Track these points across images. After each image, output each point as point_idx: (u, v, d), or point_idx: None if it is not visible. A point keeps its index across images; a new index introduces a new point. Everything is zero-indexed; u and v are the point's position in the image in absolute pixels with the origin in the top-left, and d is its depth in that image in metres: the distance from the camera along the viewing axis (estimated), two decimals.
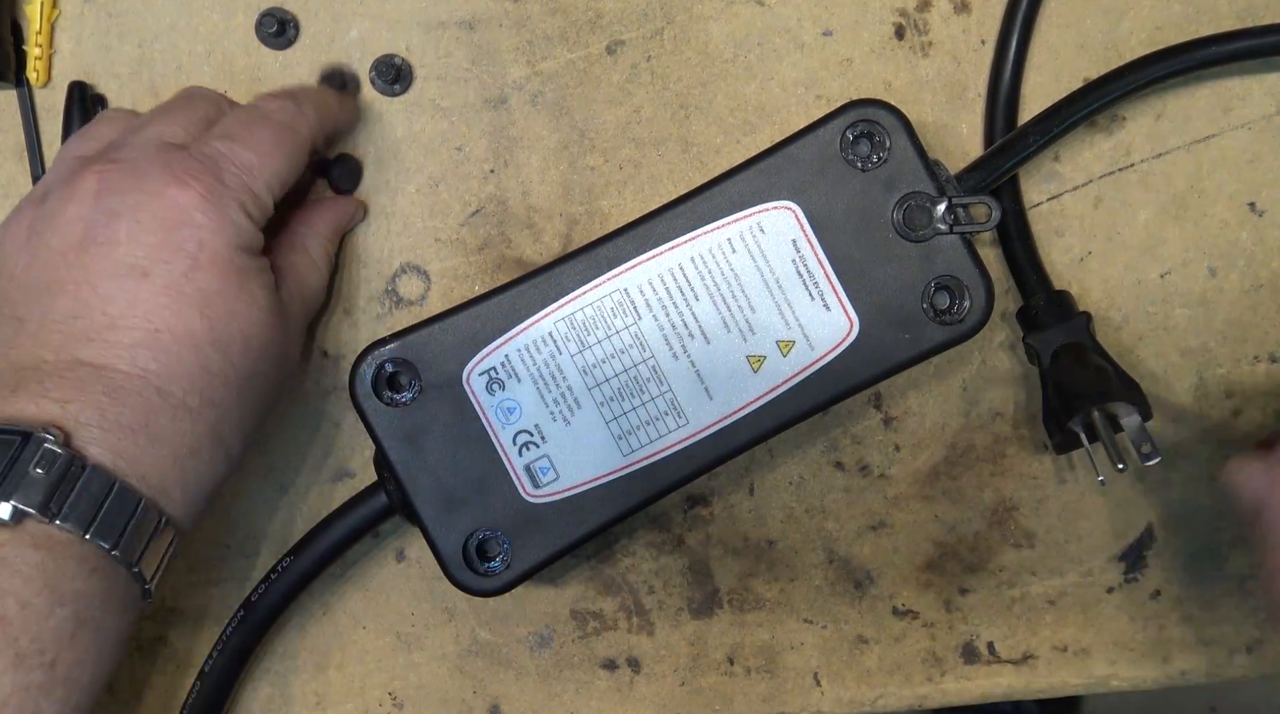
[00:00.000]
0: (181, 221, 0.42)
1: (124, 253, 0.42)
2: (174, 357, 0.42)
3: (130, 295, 0.42)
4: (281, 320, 0.46)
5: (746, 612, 0.54)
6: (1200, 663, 0.54)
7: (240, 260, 0.44)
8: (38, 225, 0.43)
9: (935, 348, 0.47)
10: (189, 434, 0.42)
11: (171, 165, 0.43)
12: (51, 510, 0.39)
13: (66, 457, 0.39)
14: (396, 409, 0.47)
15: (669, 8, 0.53)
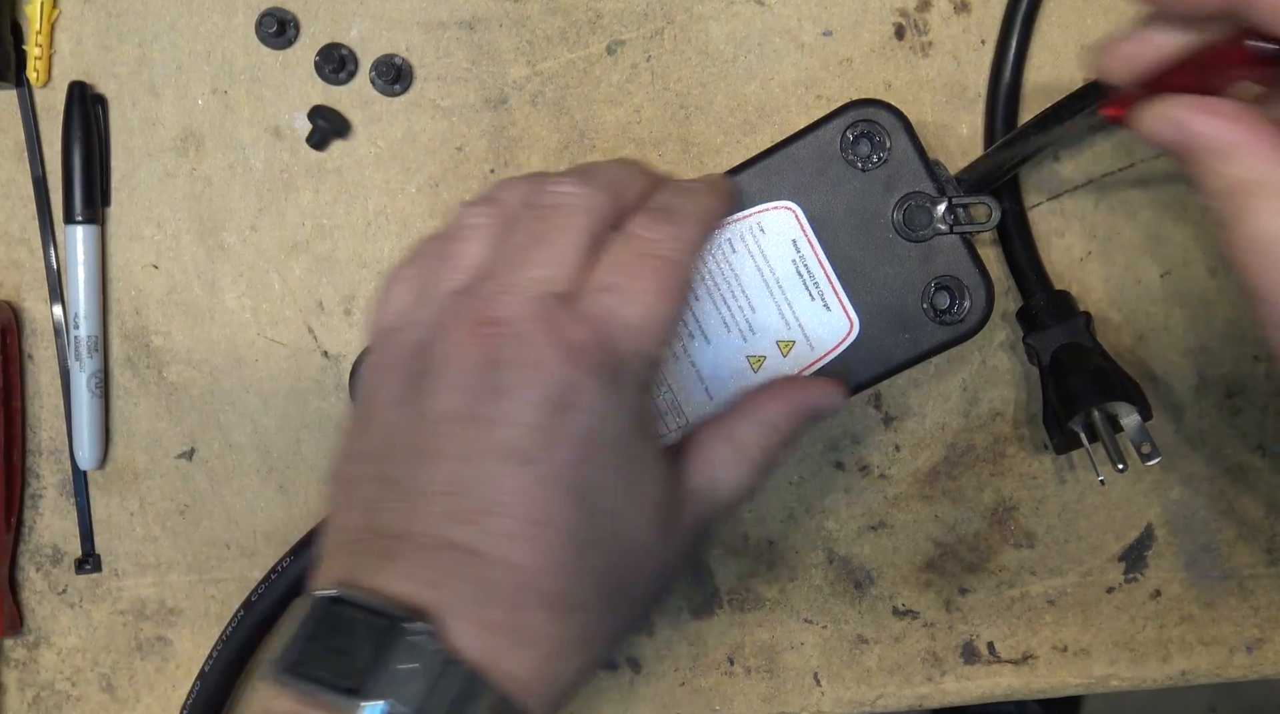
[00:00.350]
0: (570, 405, 0.38)
1: (508, 435, 0.38)
2: (549, 553, 0.37)
3: (511, 481, 0.37)
4: (670, 520, 0.41)
5: (746, 611, 0.54)
6: (1200, 663, 0.54)
7: (632, 448, 0.39)
8: (419, 382, 0.39)
9: (935, 348, 0.47)
10: (556, 636, 0.38)
11: (559, 332, 0.38)
12: (421, 712, 0.35)
13: (441, 654, 0.35)
14: None
15: (669, 8, 0.53)
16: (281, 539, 0.54)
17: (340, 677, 0.35)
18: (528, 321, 0.39)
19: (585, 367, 0.38)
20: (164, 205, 0.54)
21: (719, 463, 0.42)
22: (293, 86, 0.53)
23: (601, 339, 0.39)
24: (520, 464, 0.38)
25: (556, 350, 0.38)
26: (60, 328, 0.54)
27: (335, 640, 0.36)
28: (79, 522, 0.55)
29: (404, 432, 0.39)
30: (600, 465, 0.38)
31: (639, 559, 0.40)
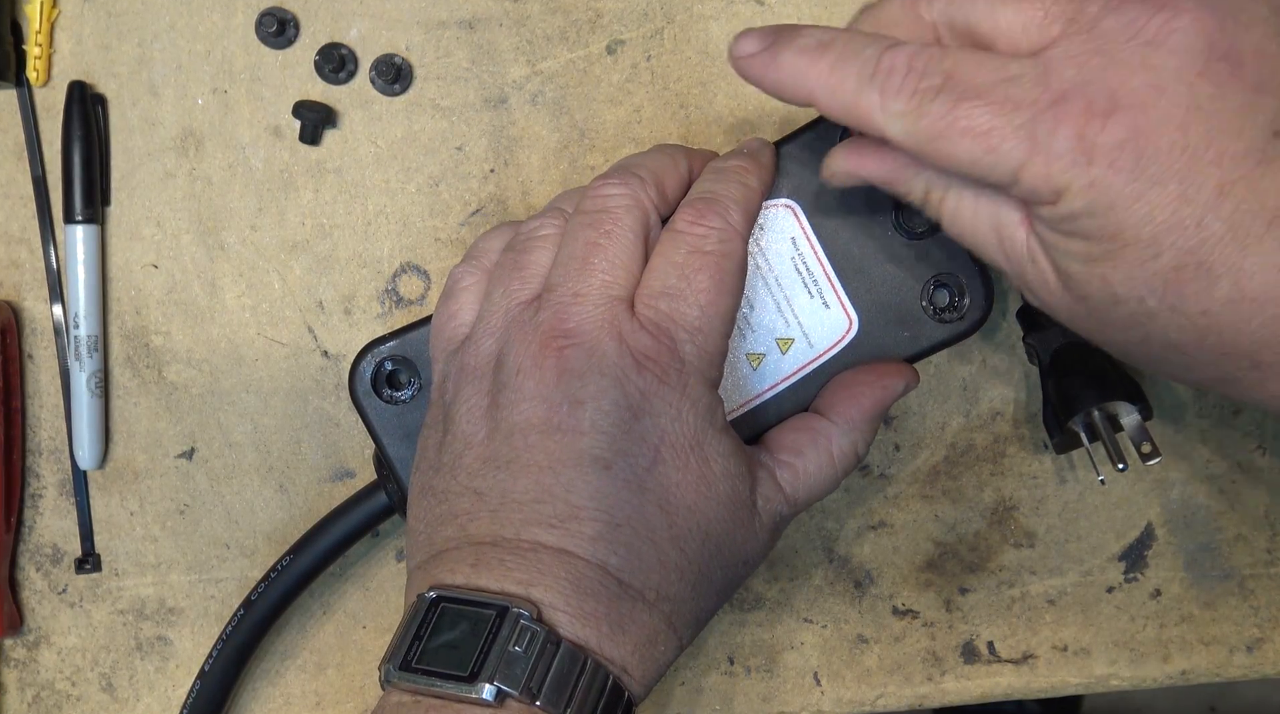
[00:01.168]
0: (643, 411, 0.41)
1: (587, 443, 0.40)
2: (633, 551, 0.40)
3: (593, 487, 0.40)
4: (748, 513, 0.43)
5: (746, 611, 0.54)
6: (1200, 662, 0.54)
7: (705, 446, 0.41)
8: (498, 395, 0.42)
9: (935, 346, 0.47)
10: (647, 625, 0.41)
11: (626, 342, 0.41)
12: (532, 689, 0.38)
13: (543, 633, 0.38)
14: (396, 407, 0.47)
15: (669, 7, 0.53)
16: (281, 538, 0.54)
17: (454, 665, 0.38)
18: (596, 331, 0.41)
19: (653, 373, 0.41)
20: (164, 205, 0.54)
21: (806, 471, 0.45)
22: (293, 86, 0.53)
23: (666, 344, 0.41)
24: (600, 470, 0.40)
25: (625, 359, 0.41)
26: (60, 327, 0.54)
27: (444, 635, 0.39)
28: (79, 521, 0.55)
29: (486, 444, 0.42)
30: (675, 466, 0.41)
31: (720, 550, 0.42)
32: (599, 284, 0.42)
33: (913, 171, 0.40)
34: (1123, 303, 0.36)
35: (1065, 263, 0.37)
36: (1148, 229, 0.35)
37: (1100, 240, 0.35)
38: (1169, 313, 0.36)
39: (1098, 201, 0.35)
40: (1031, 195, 0.36)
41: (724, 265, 0.42)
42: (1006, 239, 0.39)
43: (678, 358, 0.41)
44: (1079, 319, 0.39)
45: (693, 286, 0.42)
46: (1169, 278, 0.35)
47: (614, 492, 0.40)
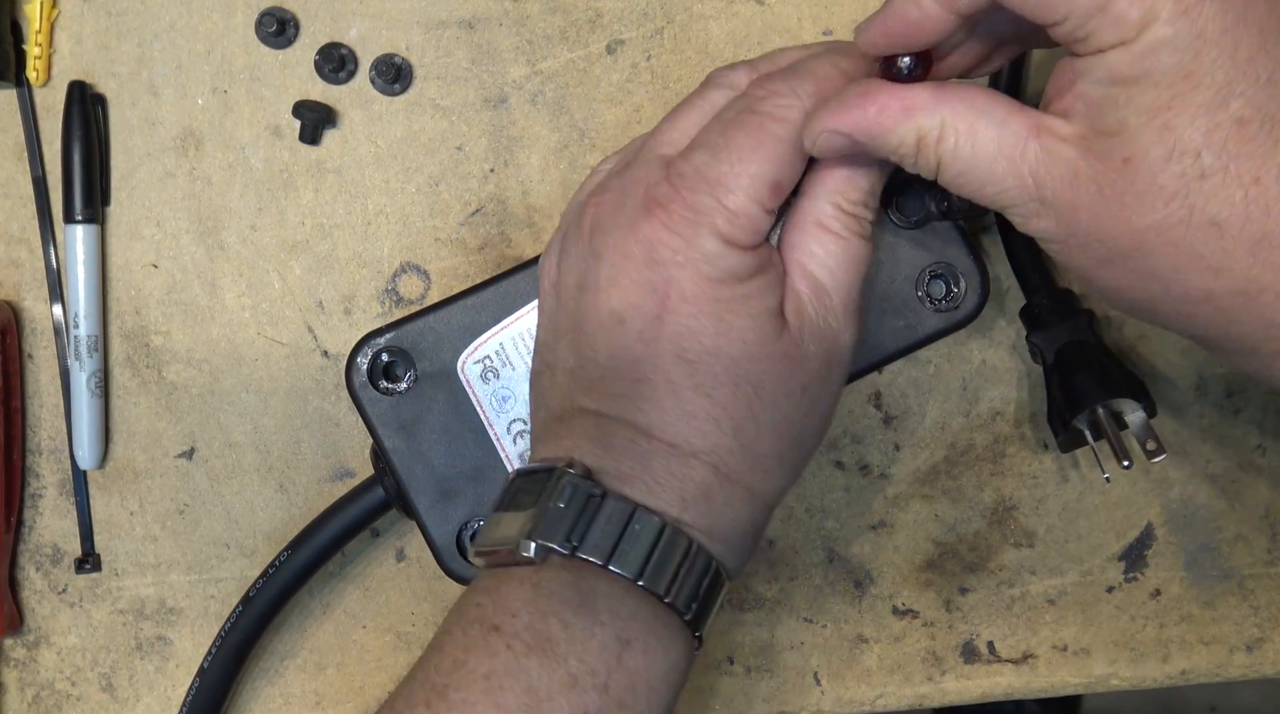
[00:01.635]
0: (651, 259, 0.40)
1: (605, 298, 0.40)
2: (655, 405, 0.40)
3: (612, 344, 0.40)
4: (785, 342, 0.40)
5: (746, 611, 0.54)
6: (1200, 662, 0.54)
7: (715, 292, 0.40)
8: (561, 264, 0.43)
9: (931, 336, 0.47)
10: (690, 479, 0.40)
11: (648, 193, 0.40)
12: (572, 542, 0.38)
13: (585, 489, 0.39)
14: (392, 398, 0.47)
15: (669, 7, 0.53)
16: (281, 538, 0.54)
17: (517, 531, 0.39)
18: (629, 186, 0.41)
19: (660, 221, 0.40)
20: (164, 205, 0.54)
21: (810, 258, 0.41)
22: (293, 86, 0.53)
23: (683, 194, 0.40)
24: (617, 324, 0.40)
25: (640, 206, 0.40)
26: (60, 327, 0.54)
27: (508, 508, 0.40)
28: (79, 521, 0.55)
29: (552, 316, 0.43)
30: (688, 313, 0.40)
31: (759, 388, 0.40)
32: (653, 146, 0.42)
33: (901, 118, 0.38)
34: (1176, 160, 0.34)
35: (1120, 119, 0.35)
36: (1223, 71, 0.33)
37: (1172, 82, 0.34)
38: (1220, 176, 0.34)
39: (1185, 31, 0.33)
40: (1114, 28, 0.34)
41: (767, 127, 0.40)
42: (1015, 156, 0.37)
43: (690, 208, 0.39)
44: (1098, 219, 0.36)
45: (728, 142, 0.40)
46: (1230, 132, 0.34)
47: (631, 346, 0.40)
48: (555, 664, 0.37)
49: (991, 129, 0.37)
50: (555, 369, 0.43)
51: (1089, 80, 0.35)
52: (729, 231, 0.39)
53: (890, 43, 0.38)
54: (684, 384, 0.40)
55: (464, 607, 0.40)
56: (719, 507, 0.40)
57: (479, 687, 0.37)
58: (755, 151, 0.40)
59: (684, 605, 0.39)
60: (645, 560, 0.38)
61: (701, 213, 0.39)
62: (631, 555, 0.38)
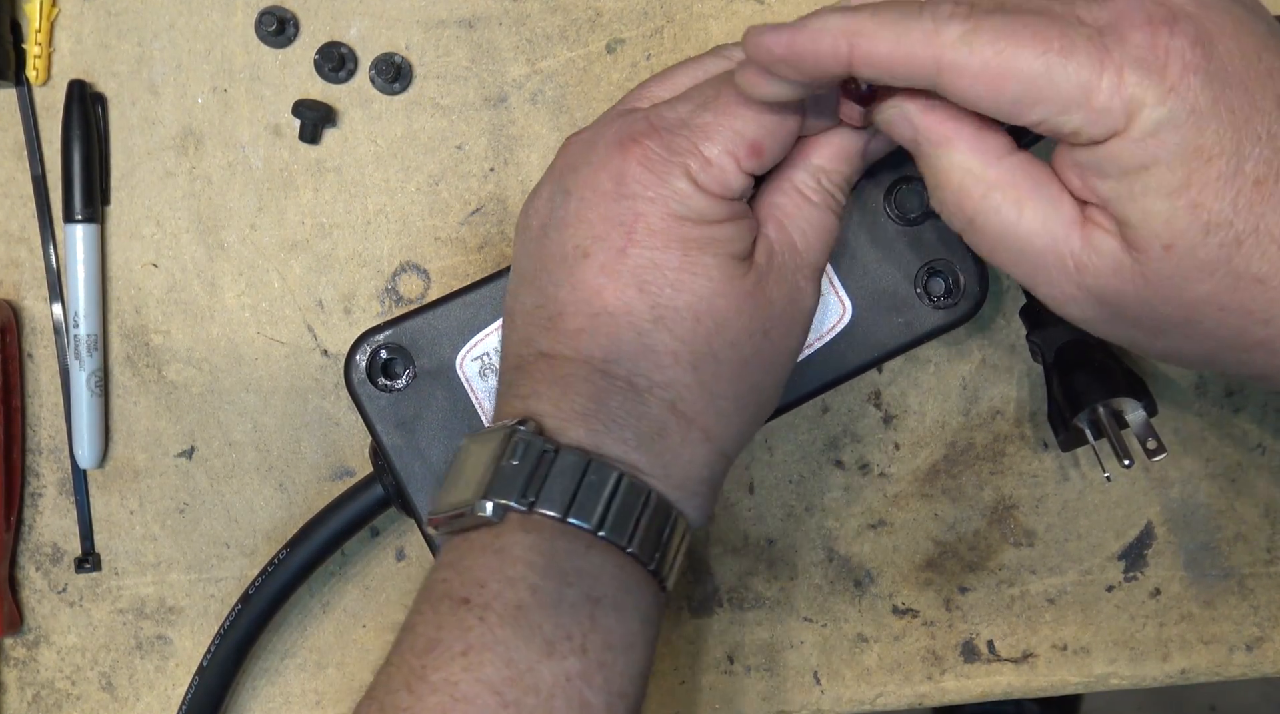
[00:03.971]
0: (620, 193, 0.39)
1: (570, 233, 0.40)
2: (613, 338, 0.39)
3: (574, 278, 0.40)
4: (749, 290, 0.40)
5: (746, 610, 0.54)
6: (1200, 661, 0.54)
7: (682, 230, 0.39)
8: (529, 204, 0.42)
9: (930, 332, 0.47)
10: (646, 416, 0.39)
11: (621, 130, 0.40)
12: (529, 498, 0.38)
13: (538, 445, 0.38)
14: (391, 395, 0.47)
15: (669, 6, 0.53)
16: (281, 537, 0.54)
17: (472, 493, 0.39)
18: (604, 126, 0.41)
19: (634, 156, 0.39)
20: (164, 204, 0.54)
21: (786, 215, 0.42)
22: (292, 85, 0.53)
23: (659, 132, 0.40)
24: (580, 259, 0.40)
25: (613, 143, 0.40)
26: (60, 326, 0.54)
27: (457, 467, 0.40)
28: (79, 520, 0.55)
29: (520, 263, 0.43)
30: (652, 245, 0.39)
31: (721, 327, 0.40)
32: (639, 95, 0.42)
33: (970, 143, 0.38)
34: (1214, 231, 0.34)
35: (1144, 209, 0.35)
36: (1230, 137, 0.34)
37: (1185, 160, 0.34)
38: (1254, 238, 0.34)
39: (1181, 110, 0.34)
40: (1100, 119, 0.34)
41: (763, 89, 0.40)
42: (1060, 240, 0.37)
43: (665, 147, 0.39)
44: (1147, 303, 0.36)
45: (717, 94, 0.40)
46: (1251, 194, 0.34)
47: (591, 279, 0.39)
48: (530, 632, 0.37)
49: (1043, 205, 0.37)
50: (514, 315, 0.42)
51: (1099, 176, 0.36)
52: (702, 177, 0.39)
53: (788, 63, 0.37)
54: (644, 316, 0.39)
55: (431, 583, 0.39)
56: (675, 446, 0.40)
57: (458, 664, 0.37)
58: (743, 107, 0.40)
59: (647, 555, 0.39)
60: (605, 511, 0.38)
61: (675, 153, 0.39)
62: (590, 507, 0.38)
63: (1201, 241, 0.35)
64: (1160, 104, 0.34)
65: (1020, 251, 0.38)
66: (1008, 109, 0.35)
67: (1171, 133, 0.34)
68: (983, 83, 0.35)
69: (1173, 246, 0.35)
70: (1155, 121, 0.34)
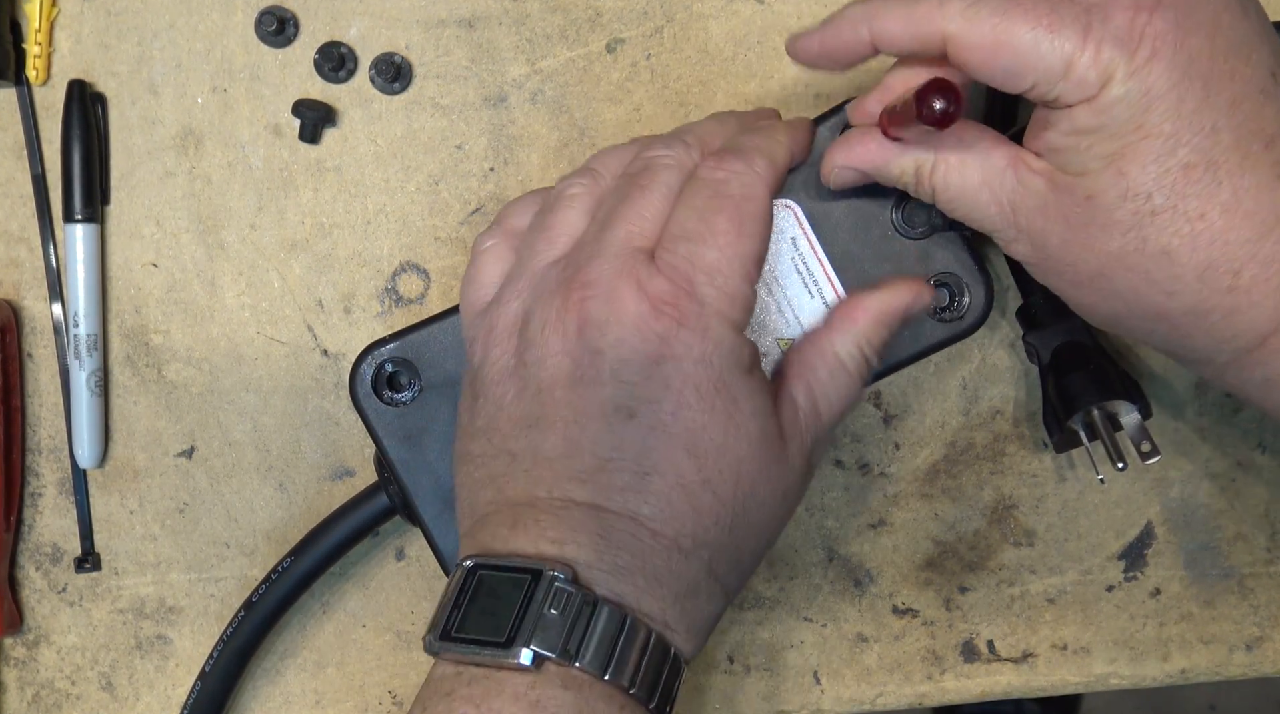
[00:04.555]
0: (663, 356, 0.40)
1: (609, 393, 0.40)
2: (663, 499, 0.39)
3: (618, 437, 0.40)
4: (778, 446, 0.41)
5: (746, 610, 0.54)
6: (1200, 661, 0.54)
7: (730, 383, 0.40)
8: (524, 353, 0.41)
9: (935, 345, 0.47)
10: (684, 576, 0.40)
11: (644, 289, 0.40)
12: (570, 652, 0.37)
13: (579, 595, 0.38)
14: (397, 409, 0.47)
15: (669, 6, 0.53)
16: (281, 537, 0.54)
17: (492, 632, 0.38)
18: (614, 279, 0.40)
19: (670, 317, 0.40)
20: (163, 204, 0.54)
21: (819, 382, 0.43)
22: (292, 85, 0.53)
23: (683, 287, 0.40)
24: (625, 419, 0.40)
25: (642, 305, 0.40)
26: (60, 326, 0.54)
27: (482, 603, 0.39)
28: (79, 520, 0.55)
29: (516, 404, 0.41)
30: (701, 408, 0.40)
31: (754, 488, 0.41)
32: (622, 236, 0.41)
33: (899, 151, 0.42)
34: (1130, 200, 0.38)
35: (1081, 164, 0.39)
36: (1171, 123, 0.38)
37: (1125, 134, 0.38)
38: (1169, 213, 0.38)
39: (1137, 89, 0.37)
40: (1077, 88, 0.38)
41: (744, 207, 0.41)
42: (996, 186, 0.41)
43: (696, 300, 0.40)
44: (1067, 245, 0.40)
45: (711, 228, 0.41)
46: (1178, 176, 0.38)
47: (640, 440, 0.39)
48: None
49: (977, 160, 0.42)
50: (519, 457, 0.41)
51: (1056, 130, 0.39)
52: (736, 315, 0.41)
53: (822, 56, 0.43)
54: (693, 479, 0.40)
55: None
56: (702, 604, 0.41)
57: None
58: (740, 233, 0.41)
59: (659, 708, 0.39)
60: (636, 670, 0.38)
61: (707, 304, 0.40)
62: (625, 665, 0.38)
63: (1119, 203, 0.39)
64: (1124, 82, 0.37)
65: (972, 204, 0.42)
66: (1003, 77, 0.39)
67: (1123, 108, 0.38)
68: (981, 53, 0.39)
69: (1092, 198, 0.39)
70: (1115, 96, 0.38)
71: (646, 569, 0.39)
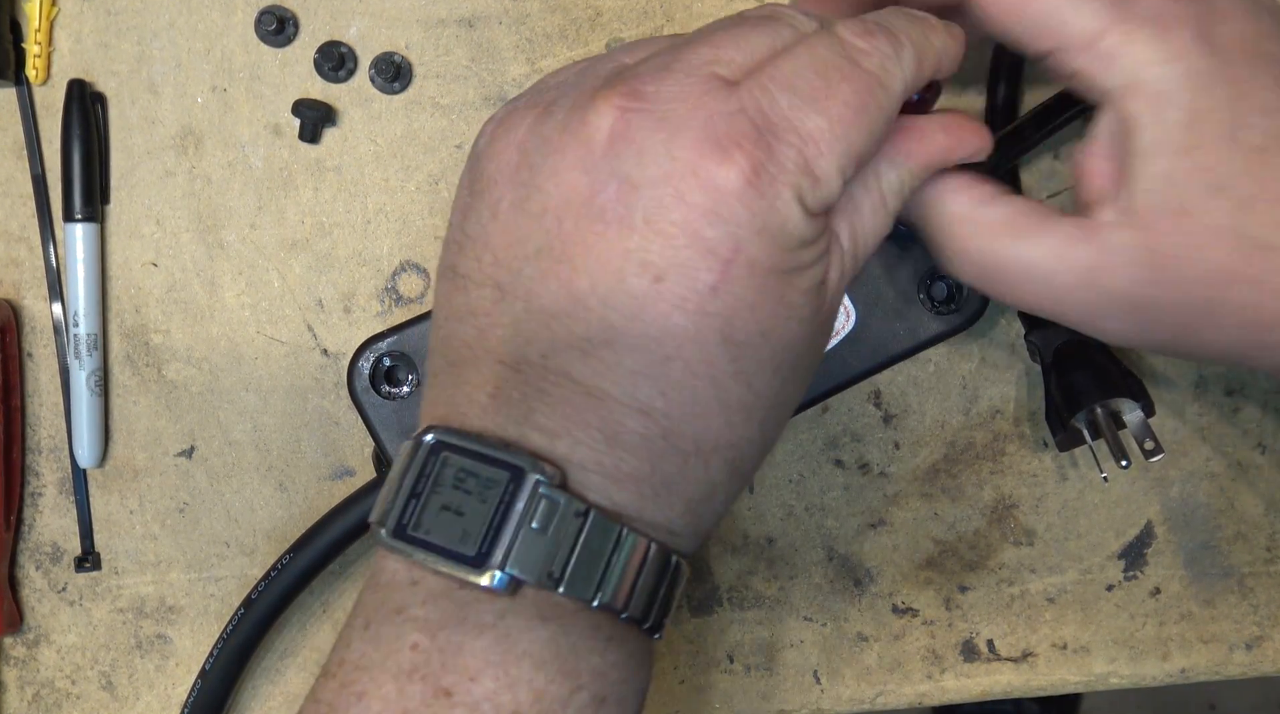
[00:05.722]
0: (715, 213, 0.31)
1: (637, 243, 0.32)
2: (686, 391, 0.32)
3: (638, 304, 0.32)
4: (822, 323, 0.35)
5: (746, 609, 0.54)
6: (1200, 660, 0.54)
7: (785, 263, 0.33)
8: (533, 151, 0.33)
9: (933, 339, 0.47)
10: (703, 481, 0.33)
11: (714, 123, 0.32)
12: (552, 576, 0.31)
13: (567, 504, 0.31)
14: (394, 403, 0.47)
15: (669, 6, 0.53)
16: (281, 537, 0.54)
17: (459, 541, 0.31)
18: (678, 101, 0.32)
19: (737, 168, 0.32)
20: (163, 203, 0.54)
21: (862, 222, 0.36)
22: (292, 84, 0.53)
23: (765, 139, 0.32)
24: (651, 281, 0.32)
25: (704, 139, 0.32)
26: (60, 326, 0.54)
27: (447, 496, 0.32)
28: (79, 520, 0.55)
29: (512, 215, 0.33)
30: (748, 286, 0.32)
31: (793, 376, 0.34)
32: (706, 57, 0.33)
33: None
34: (1221, 193, 0.35)
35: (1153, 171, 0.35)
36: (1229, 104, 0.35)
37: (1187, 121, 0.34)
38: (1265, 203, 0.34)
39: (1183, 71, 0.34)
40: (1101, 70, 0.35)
41: (875, 91, 0.34)
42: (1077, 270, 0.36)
43: (775, 160, 0.32)
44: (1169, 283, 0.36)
45: (831, 93, 0.33)
46: (1253, 160, 0.34)
47: (665, 314, 0.32)
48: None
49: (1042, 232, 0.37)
50: (509, 295, 0.33)
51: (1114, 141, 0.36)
52: (812, 199, 0.33)
53: None
54: (725, 371, 0.33)
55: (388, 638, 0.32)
56: (718, 505, 0.35)
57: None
58: (860, 116, 0.33)
59: (656, 623, 0.34)
60: (631, 590, 0.32)
61: (786, 168, 0.32)
62: (618, 586, 0.32)
63: (1211, 203, 0.34)
64: (1167, 63, 0.34)
65: (1038, 283, 0.36)
66: (1022, 34, 0.36)
67: (1178, 93, 0.34)
68: (1005, 6, 0.36)
69: (1182, 212, 0.35)
70: (1162, 80, 0.34)
71: (656, 476, 0.33)
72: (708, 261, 0.32)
